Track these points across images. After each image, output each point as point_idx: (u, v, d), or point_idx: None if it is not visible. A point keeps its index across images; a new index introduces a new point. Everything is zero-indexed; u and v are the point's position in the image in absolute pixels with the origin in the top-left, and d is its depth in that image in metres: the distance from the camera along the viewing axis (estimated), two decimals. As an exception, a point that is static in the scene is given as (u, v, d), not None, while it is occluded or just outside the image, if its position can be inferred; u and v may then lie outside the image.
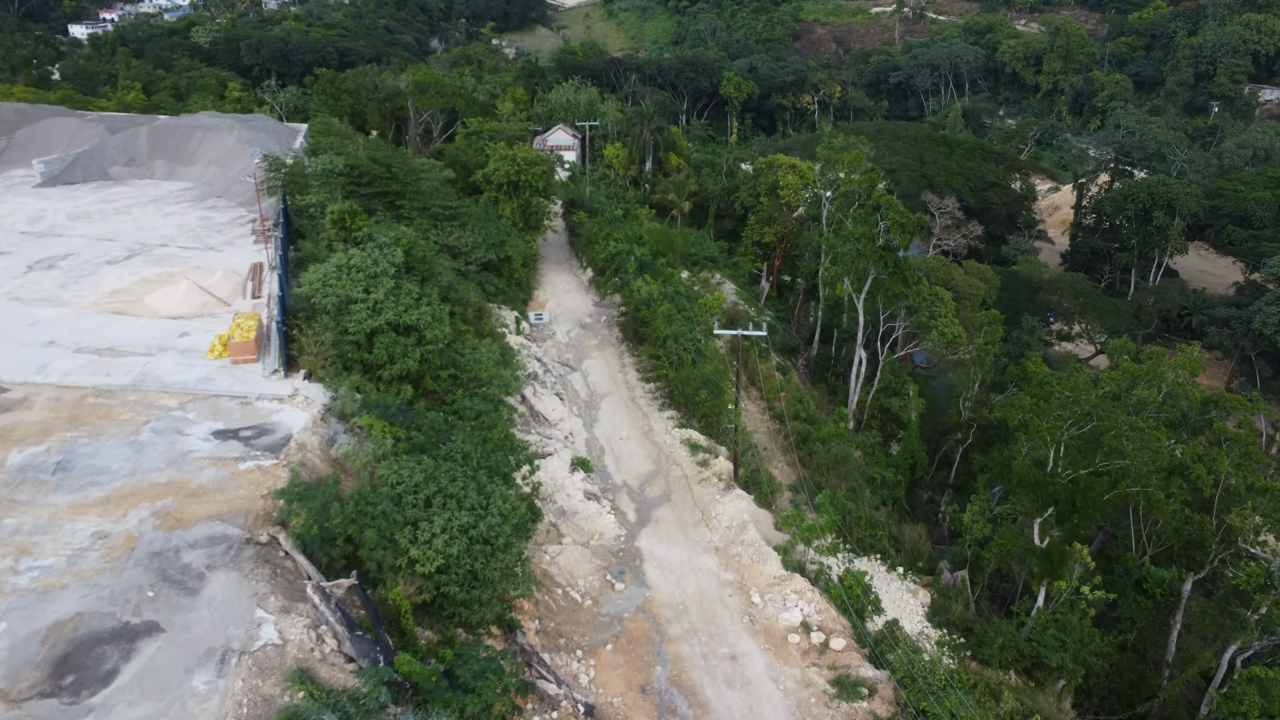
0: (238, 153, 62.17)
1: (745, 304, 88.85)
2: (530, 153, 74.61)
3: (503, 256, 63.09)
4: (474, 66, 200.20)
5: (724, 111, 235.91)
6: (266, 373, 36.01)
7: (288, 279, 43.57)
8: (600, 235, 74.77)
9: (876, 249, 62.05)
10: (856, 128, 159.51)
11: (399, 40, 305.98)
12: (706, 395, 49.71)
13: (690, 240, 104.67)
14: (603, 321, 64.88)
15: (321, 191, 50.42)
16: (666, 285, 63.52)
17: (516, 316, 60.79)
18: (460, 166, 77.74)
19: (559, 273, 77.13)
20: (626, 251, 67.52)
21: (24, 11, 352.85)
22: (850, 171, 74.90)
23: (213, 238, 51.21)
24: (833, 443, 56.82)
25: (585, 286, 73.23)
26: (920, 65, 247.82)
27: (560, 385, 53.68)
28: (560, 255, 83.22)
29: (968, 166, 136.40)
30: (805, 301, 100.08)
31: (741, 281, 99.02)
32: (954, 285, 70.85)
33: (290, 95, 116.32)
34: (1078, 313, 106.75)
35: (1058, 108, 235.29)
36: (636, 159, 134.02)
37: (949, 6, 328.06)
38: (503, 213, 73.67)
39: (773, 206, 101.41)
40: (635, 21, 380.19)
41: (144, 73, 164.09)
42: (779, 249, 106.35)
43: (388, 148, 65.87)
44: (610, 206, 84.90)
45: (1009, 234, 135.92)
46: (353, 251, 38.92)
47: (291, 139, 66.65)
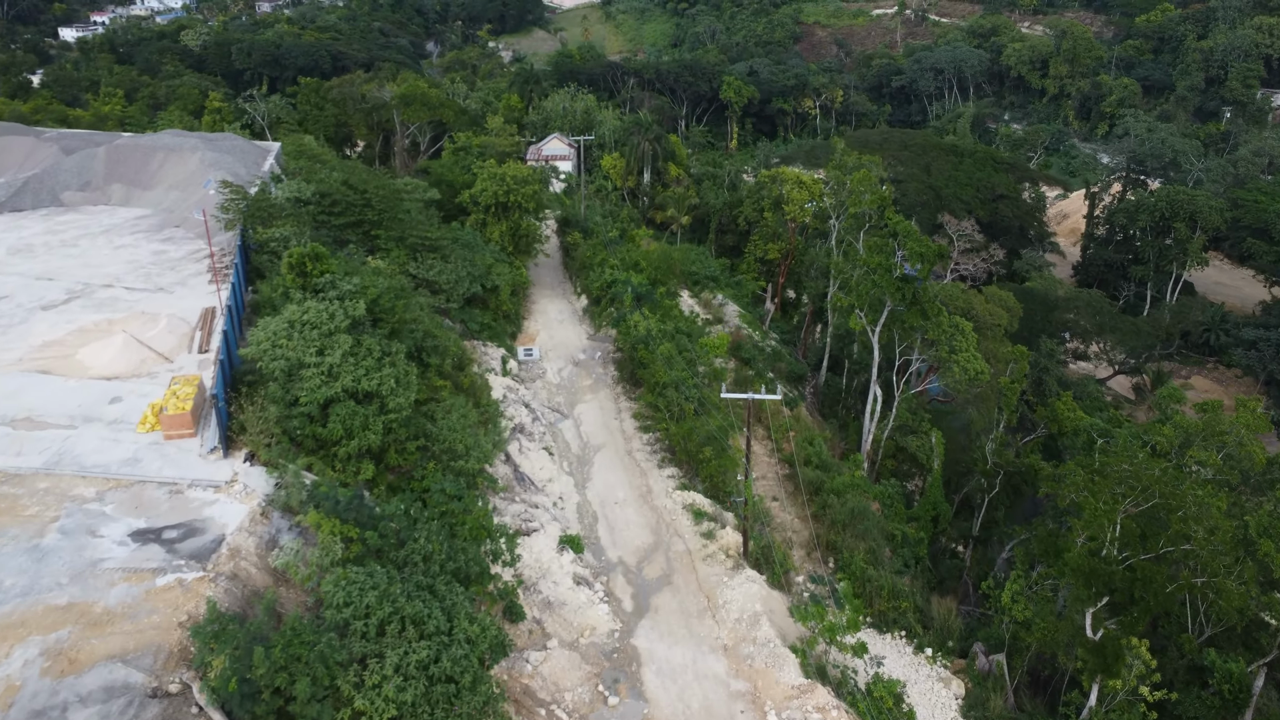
0: (201, 176, 57.23)
1: (749, 327, 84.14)
2: (520, 171, 69.73)
3: (489, 287, 58.22)
4: (467, 72, 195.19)
5: (724, 116, 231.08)
6: (204, 451, 31.07)
7: (239, 331, 38.65)
8: (595, 261, 69.91)
9: (894, 280, 57.18)
10: (862, 137, 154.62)
11: (393, 44, 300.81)
12: (711, 454, 44.80)
13: (691, 258, 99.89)
14: (597, 358, 59.96)
15: (286, 224, 45.46)
16: (666, 320, 58.61)
17: (503, 355, 55.85)
18: (446, 186, 72.90)
19: (551, 299, 72.23)
20: (623, 281, 62.59)
21: (13, 14, 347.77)
22: (860, 192, 70.02)
23: (164, 276, 46.25)
24: (848, 495, 51.97)
25: (579, 315, 68.33)
26: (924, 69, 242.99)
27: (550, 435, 48.74)
28: (553, 278, 78.34)
29: (977, 177, 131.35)
30: (812, 323, 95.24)
31: (745, 302, 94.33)
32: (974, 314, 65.99)
33: (273, 105, 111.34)
34: (1096, 332, 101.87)
35: (1064, 112, 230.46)
36: (634, 170, 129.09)
37: (951, 9, 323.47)
38: (491, 236, 68.84)
39: (776, 222, 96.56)
40: (633, 24, 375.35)
41: (127, 79, 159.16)
42: (783, 266, 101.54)
43: (365, 169, 61.00)
44: (606, 226, 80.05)
45: (1021, 248, 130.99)
46: (308, 304, 33.98)
47: (261, 160, 61.74)
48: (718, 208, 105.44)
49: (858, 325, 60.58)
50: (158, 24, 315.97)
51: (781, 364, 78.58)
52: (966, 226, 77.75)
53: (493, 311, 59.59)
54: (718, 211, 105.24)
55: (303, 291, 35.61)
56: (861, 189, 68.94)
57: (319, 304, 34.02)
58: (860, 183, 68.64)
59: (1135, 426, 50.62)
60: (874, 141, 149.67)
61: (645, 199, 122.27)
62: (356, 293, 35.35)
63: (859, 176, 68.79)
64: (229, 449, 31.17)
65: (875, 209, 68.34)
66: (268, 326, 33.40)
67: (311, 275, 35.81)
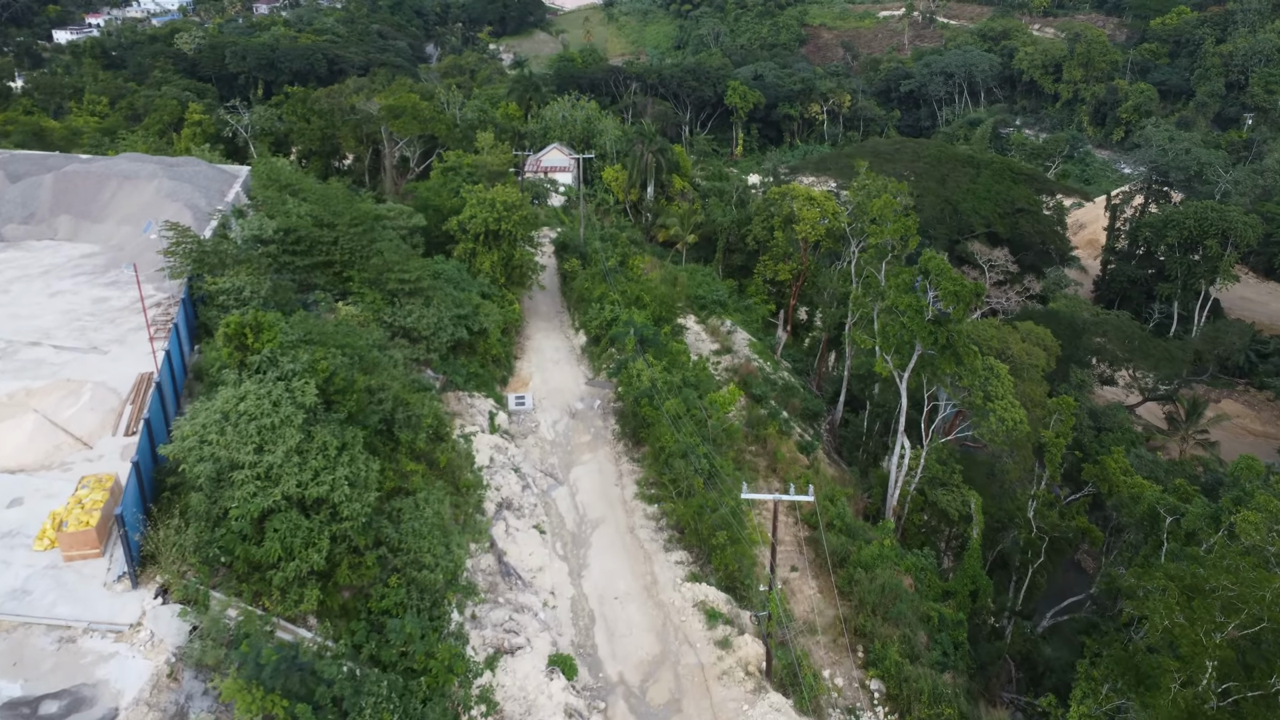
0: (156, 208, 51.51)
1: (760, 357, 78.50)
2: (512, 195, 63.94)
3: (476, 330, 52.45)
4: (464, 77, 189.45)
5: (729, 122, 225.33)
6: (110, 579, 25.37)
7: (176, 406, 32.93)
8: (593, 295, 64.15)
9: (926, 324, 51.40)
10: (873, 146, 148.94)
11: (392, 46, 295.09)
12: (725, 539, 39.02)
13: (697, 280, 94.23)
14: (596, 407, 54.17)
15: (240, 272, 39.69)
16: (672, 367, 52.84)
17: (491, 410, 50.03)
18: (432, 211, 67.16)
19: (547, 334, 66.48)
20: (624, 322, 56.77)
21: (7, 17, 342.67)
22: (883, 220, 64.23)
23: (102, 331, 40.53)
24: (878, 569, 46.24)
25: (577, 354, 62.55)
26: (933, 73, 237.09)
27: (542, 507, 42.96)
28: (550, 308, 72.57)
29: (995, 190, 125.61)
30: (826, 350, 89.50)
31: (755, 328, 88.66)
32: (1010, 355, 60.27)
33: (258, 117, 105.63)
34: (1126, 358, 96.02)
35: (1079, 118, 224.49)
36: (637, 182, 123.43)
37: (960, 11, 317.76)
38: (481, 267, 63.08)
39: (787, 241, 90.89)
40: (636, 26, 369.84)
41: (112, 87, 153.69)
42: (795, 288, 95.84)
43: (344, 195, 55.21)
44: (606, 251, 74.24)
45: (1042, 265, 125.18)
46: (245, 388, 28.25)
47: (226, 187, 55.98)
48: (725, 226, 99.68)
49: (884, 371, 54.78)
50: (153, 27, 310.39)
51: (795, 399, 72.96)
52: (998, 255, 71.81)
53: (481, 356, 53.82)
54: (725, 230, 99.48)
55: (242, 370, 29.82)
56: (884, 216, 63.13)
57: (259, 388, 28.27)
58: (883, 210, 62.83)
59: (1209, 506, 44.75)
60: (886, 151, 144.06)
61: (648, 215, 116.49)
62: (304, 371, 29.56)
63: (880, 203, 62.98)
64: (140, 575, 25.45)
65: (899, 239, 62.54)
66: (196, 416, 27.69)
67: (253, 349, 30.03)
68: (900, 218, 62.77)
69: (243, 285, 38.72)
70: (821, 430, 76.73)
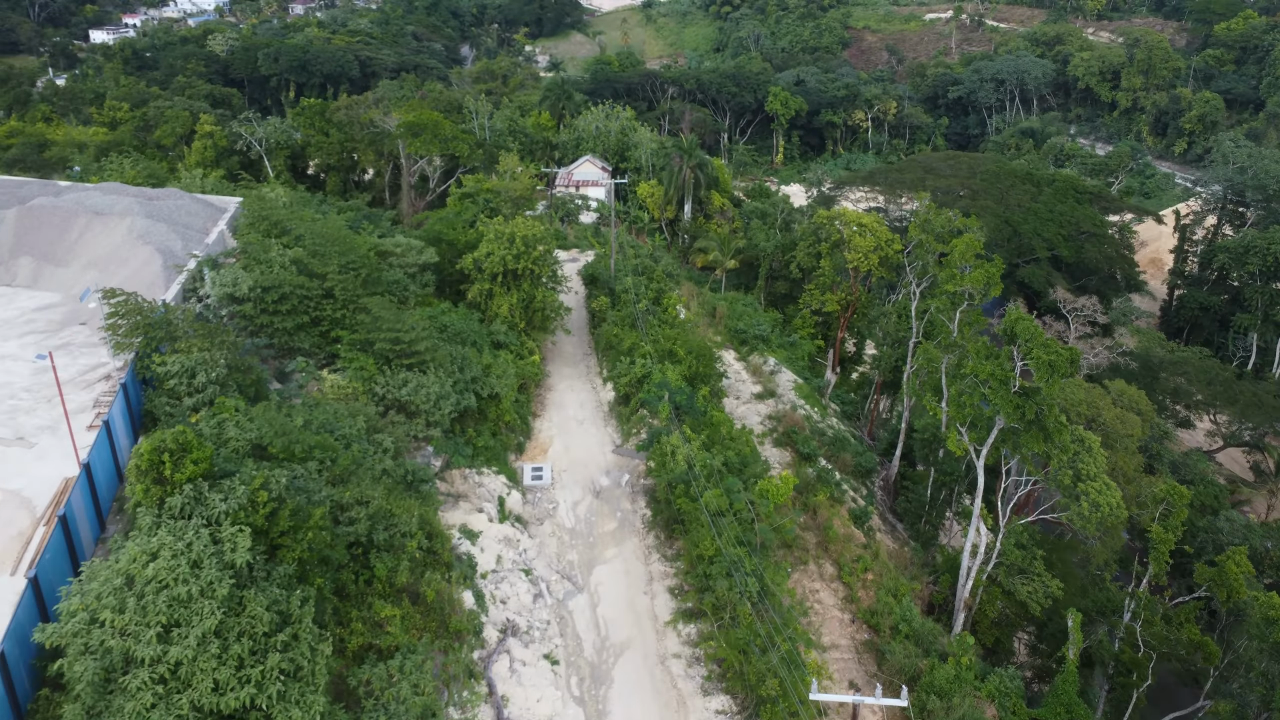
0: (127, 251, 45.14)
1: (807, 401, 71.22)
2: (534, 229, 57.00)
3: (487, 394, 45.53)
4: (497, 83, 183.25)
5: (769, 130, 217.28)
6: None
7: (94, 530, 26.25)
8: (623, 344, 56.96)
9: (1013, 397, 43.73)
10: (925, 161, 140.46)
11: (426, 48, 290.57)
12: (777, 688, 31.68)
13: (737, 311, 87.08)
14: (624, 484, 47.02)
15: (194, 348, 32.95)
16: (712, 440, 45.56)
17: (502, 492, 43.02)
18: (446, 245, 60.43)
19: (571, 384, 59.40)
20: (657, 385, 49.49)
21: (44, 17, 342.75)
22: (956, 261, 56.46)
23: (36, 413, 33.99)
24: (954, 695, 38.78)
25: (604, 411, 55.41)
26: (983, 79, 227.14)
27: (556, 625, 35.91)
28: (577, 350, 65.46)
29: (1059, 210, 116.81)
30: (880, 393, 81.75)
31: (800, 366, 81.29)
32: (1101, 422, 52.46)
33: (274, 129, 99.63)
34: (1209, 402, 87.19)
35: (1137, 128, 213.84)
36: (674, 199, 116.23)
37: (1010, 14, 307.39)
38: (498, 310, 56.22)
39: (835, 270, 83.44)
40: (674, 28, 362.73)
41: (134, 92, 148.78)
42: (843, 320, 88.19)
43: (340, 236, 48.56)
44: (638, 286, 67.01)
45: (1109, 291, 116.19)
46: (159, 540, 21.43)
47: (209, 225, 49.49)
48: (768, 251, 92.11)
49: (958, 448, 47.11)
50: (187, 28, 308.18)
51: (846, 454, 65.62)
52: (1085, 304, 63.66)
53: (492, 424, 46.86)
54: (768, 256, 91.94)
55: (160, 511, 23.00)
56: (965, 261, 55.30)
57: (177, 541, 21.43)
58: (964, 255, 54.98)
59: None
60: (939, 166, 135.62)
61: (685, 237, 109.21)
62: (242, 510, 22.69)
63: (963, 246, 55.09)
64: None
65: (981, 288, 54.70)
66: (94, 579, 20.92)
67: (174, 483, 23.20)
68: (983, 264, 54.95)
69: (195, 365, 31.98)
70: (875, 486, 69.31)
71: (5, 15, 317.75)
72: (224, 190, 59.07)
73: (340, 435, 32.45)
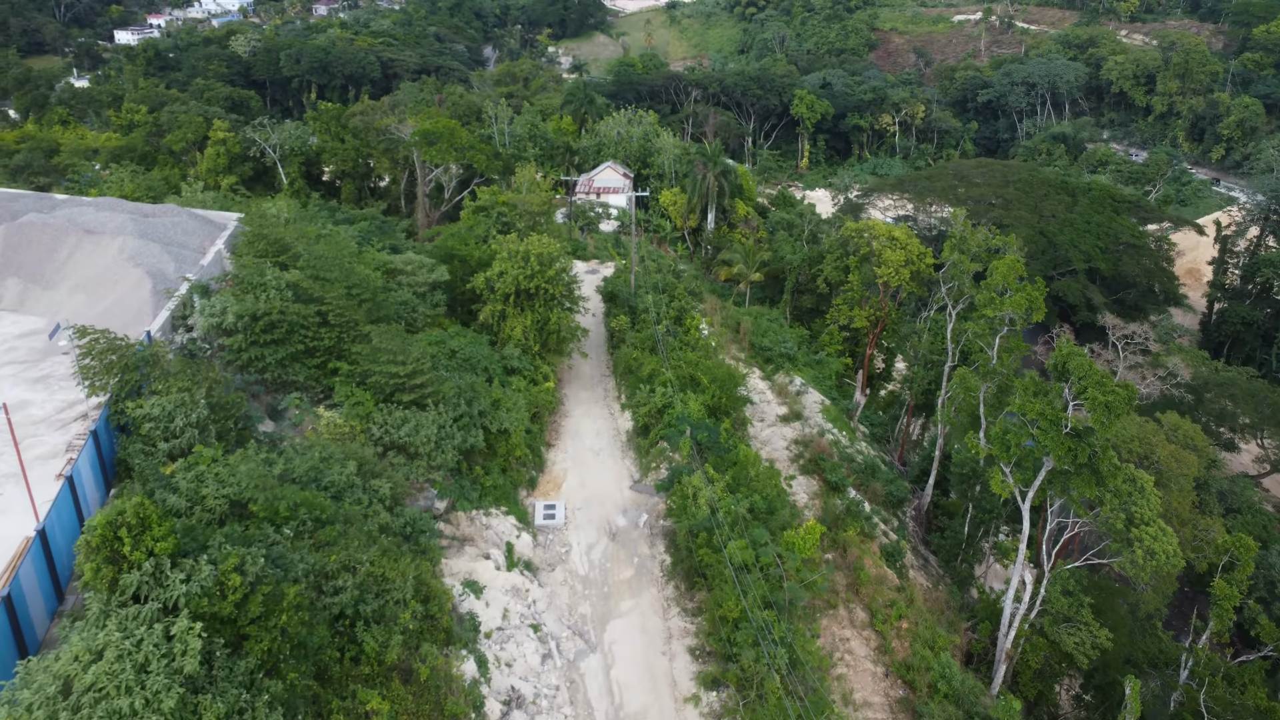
0: (117, 274, 42.55)
1: (835, 425, 68.01)
2: (549, 247, 54.01)
3: (497, 429, 42.58)
4: (519, 85, 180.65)
5: (794, 133, 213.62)
6: None
7: (50, 603, 23.44)
8: (643, 370, 53.85)
9: (1065, 439, 40.34)
10: (956, 168, 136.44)
11: (449, 50, 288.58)
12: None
13: (762, 327, 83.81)
14: (642, 525, 43.95)
15: (173, 388, 30.15)
16: (737, 483, 42.40)
17: (510, 537, 40.05)
18: (459, 262, 57.59)
19: (589, 409, 56.39)
20: (678, 419, 46.38)
21: (70, 17, 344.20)
22: (997, 284, 53.01)
23: (3, 457, 31.31)
24: (1001, 765, 35.52)
25: (622, 441, 52.35)
26: (1014, 83, 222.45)
27: (566, 691, 32.89)
28: (595, 371, 62.43)
29: (1096, 221, 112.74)
30: (911, 415, 78.30)
31: (827, 386, 78.00)
32: (1155, 460, 48.92)
33: (287, 134, 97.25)
34: (1256, 426, 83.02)
35: (1173, 133, 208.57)
36: (697, 208, 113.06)
37: (1040, 15, 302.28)
38: (510, 333, 53.32)
39: (864, 284, 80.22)
40: (698, 29, 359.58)
41: (152, 95, 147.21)
42: (872, 336, 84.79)
43: (344, 255, 45.83)
44: (659, 305, 63.90)
45: (1149, 307, 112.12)
46: (105, 635, 18.58)
47: (207, 243, 46.84)
48: (795, 264, 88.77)
49: (1002, 490, 43.73)
50: (211, 28, 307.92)
51: (877, 482, 62.31)
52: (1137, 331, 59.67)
53: (502, 460, 43.88)
54: (795, 269, 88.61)
55: (111, 596, 20.14)
56: (1008, 284, 51.83)
57: (125, 637, 18.57)
58: (1006, 277, 51.51)
59: None
60: (971, 174, 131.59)
61: (708, 247, 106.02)
62: (206, 594, 19.79)
63: (1004, 267, 51.62)
64: None
65: (1022, 313, 51.22)
66: (24, 690, 18.07)
67: (131, 561, 20.34)
68: (1026, 287, 51.48)
69: (173, 409, 29.18)
70: (907, 517, 65.98)
71: (31, 16, 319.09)
72: (229, 204, 56.48)
73: (329, 484, 29.62)
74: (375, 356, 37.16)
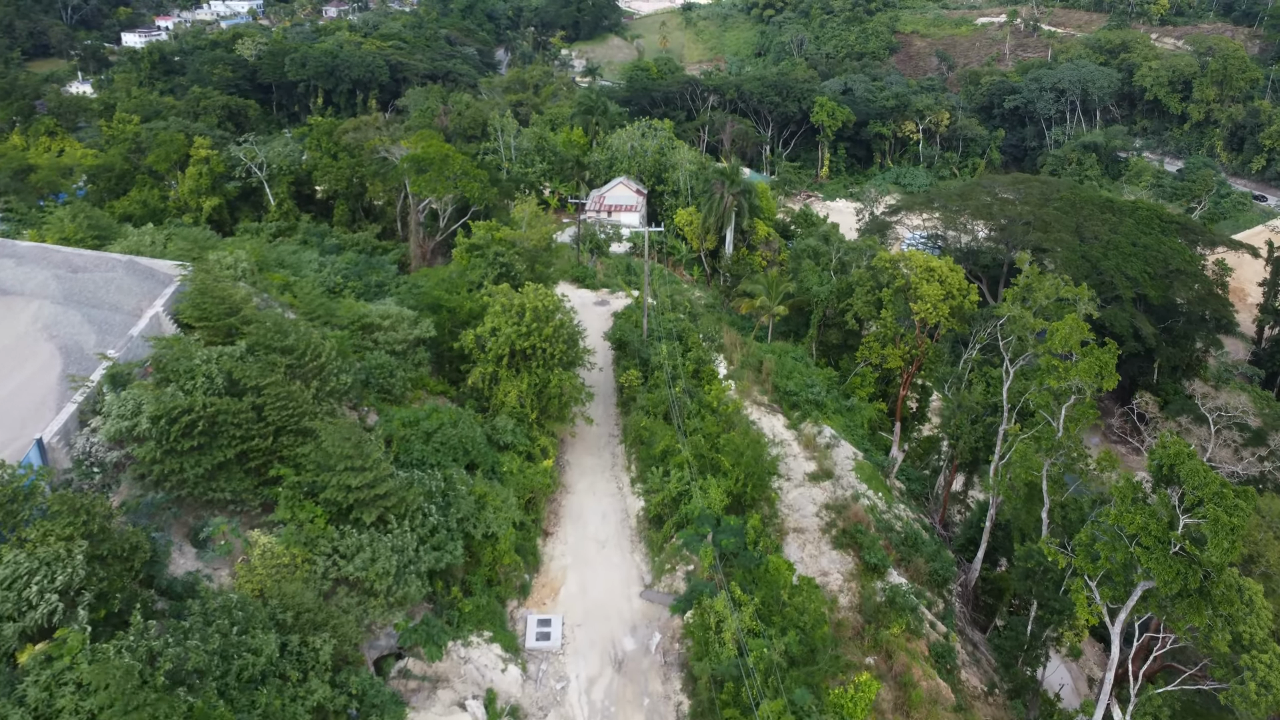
0: (27, 348, 35.52)
1: (870, 485, 60.63)
2: (548, 299, 46.86)
3: (482, 534, 35.39)
4: (529, 93, 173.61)
5: (814, 141, 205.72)
6: None
7: None
8: (656, 444, 46.50)
9: (1173, 561, 32.91)
10: (991, 183, 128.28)
11: (459, 53, 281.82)
12: None
13: (786, 365, 76.50)
14: (654, 649, 36.64)
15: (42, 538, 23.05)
16: (769, 609, 35.10)
17: (491, 681, 32.80)
18: (447, 313, 50.47)
19: (593, 480, 49.11)
20: (697, 518, 39.09)
21: (77, 19, 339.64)
22: (1060, 342, 45.56)
23: None
24: None
25: (632, 528, 45.09)
26: (1042, 89, 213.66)
27: None
28: (601, 431, 54.92)
29: (1144, 244, 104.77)
30: (955, 472, 70.85)
31: (859, 436, 70.70)
32: (1264, 563, 41.32)
33: (275, 152, 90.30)
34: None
35: (1210, 142, 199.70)
36: (714, 229, 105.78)
37: (1066, 18, 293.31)
38: (504, 399, 46.18)
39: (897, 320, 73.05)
40: (714, 31, 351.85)
41: (145, 104, 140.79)
42: (906, 376, 77.42)
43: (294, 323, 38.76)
44: (674, 357, 56.53)
45: (1198, 335, 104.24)
46: None
47: (145, 304, 39.76)
48: (822, 297, 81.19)
49: (1090, 616, 36.25)
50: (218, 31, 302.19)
51: (920, 558, 54.95)
52: (1231, 401, 52.03)
53: (488, 569, 36.65)
54: (822, 303, 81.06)
55: None
56: (1070, 345, 44.40)
57: None
58: (1068, 339, 44.08)
59: None
60: (1006, 190, 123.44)
61: (727, 275, 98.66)
62: None
63: (1065, 330, 44.19)
64: None
65: (1092, 380, 43.73)
66: None
67: None
68: (1094, 351, 44.02)
69: (36, 573, 22.05)
70: (952, 595, 58.50)
71: (37, 18, 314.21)
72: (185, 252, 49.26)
73: (242, 669, 22.55)
74: (327, 462, 29.99)
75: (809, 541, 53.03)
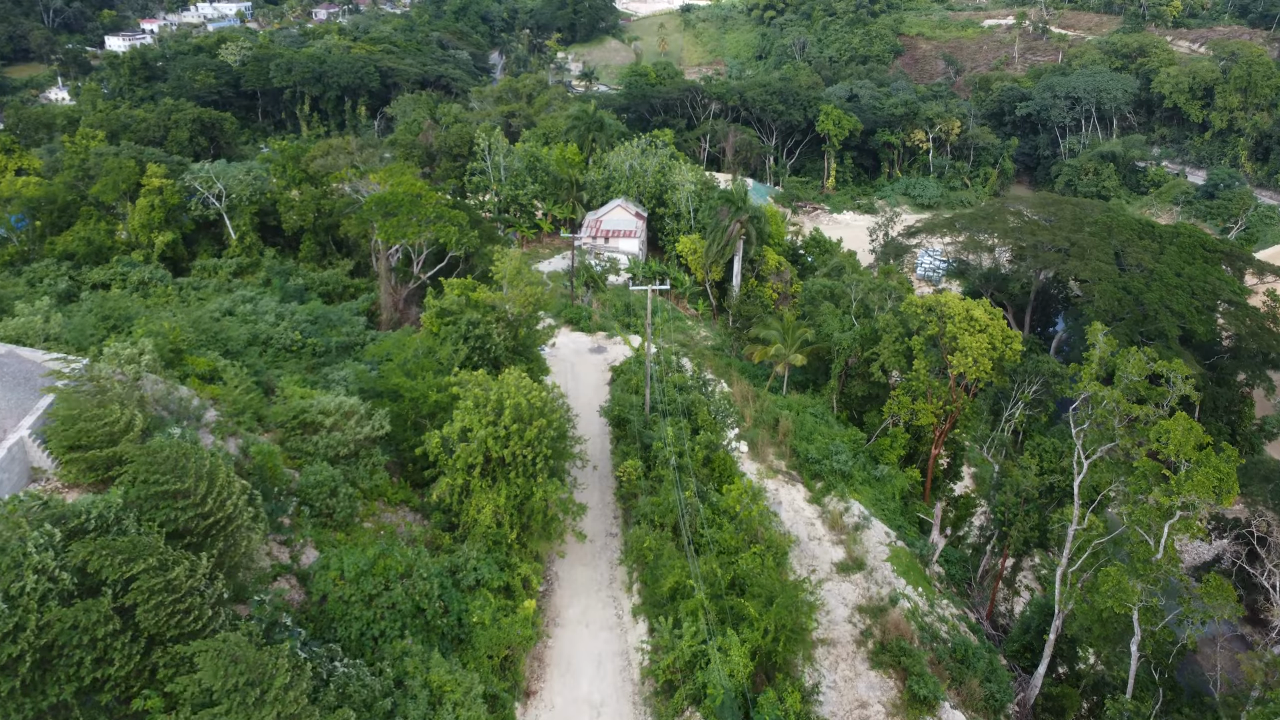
0: None
1: (908, 579, 52.33)
2: (533, 393, 38.14)
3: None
4: (522, 103, 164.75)
5: (819, 149, 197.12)
6: None
7: None
8: (663, 583, 37.69)
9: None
10: (1016, 205, 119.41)
11: (452, 57, 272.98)
12: None
13: (806, 425, 68.11)
14: None
15: None
16: None
17: None
18: (408, 404, 41.69)
19: (585, 607, 40.36)
20: (717, 708, 30.38)
21: (59, 23, 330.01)
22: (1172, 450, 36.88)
23: None
24: None
25: (634, 683, 36.27)
26: (1056, 96, 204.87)
27: None
28: (594, 545, 46.04)
29: (1188, 274, 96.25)
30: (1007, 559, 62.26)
31: (892, 510, 62.35)
32: None
33: (235, 180, 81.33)
34: None
35: (1234, 152, 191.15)
36: (720, 260, 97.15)
37: (1076, 20, 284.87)
38: (477, 516, 37.47)
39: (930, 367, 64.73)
40: (714, 34, 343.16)
41: (112, 119, 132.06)
42: (939, 435, 68.87)
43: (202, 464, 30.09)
44: (680, 441, 47.74)
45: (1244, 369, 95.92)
46: None
47: (9, 422, 31.15)
48: (844, 345, 72.42)
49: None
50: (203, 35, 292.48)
51: (974, 678, 46.38)
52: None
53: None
54: (844, 352, 72.30)
55: None
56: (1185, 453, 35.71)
57: None
58: (1182, 447, 35.36)
59: None
60: (1033, 212, 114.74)
61: (735, 315, 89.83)
62: None
63: (1180, 432, 35.42)
64: None
65: (1209, 496, 35.09)
66: None
67: None
68: (1210, 457, 35.42)
69: None
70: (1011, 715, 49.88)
71: (17, 21, 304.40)
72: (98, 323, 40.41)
73: None
74: (208, 700, 21.29)
75: (841, 659, 44.44)
